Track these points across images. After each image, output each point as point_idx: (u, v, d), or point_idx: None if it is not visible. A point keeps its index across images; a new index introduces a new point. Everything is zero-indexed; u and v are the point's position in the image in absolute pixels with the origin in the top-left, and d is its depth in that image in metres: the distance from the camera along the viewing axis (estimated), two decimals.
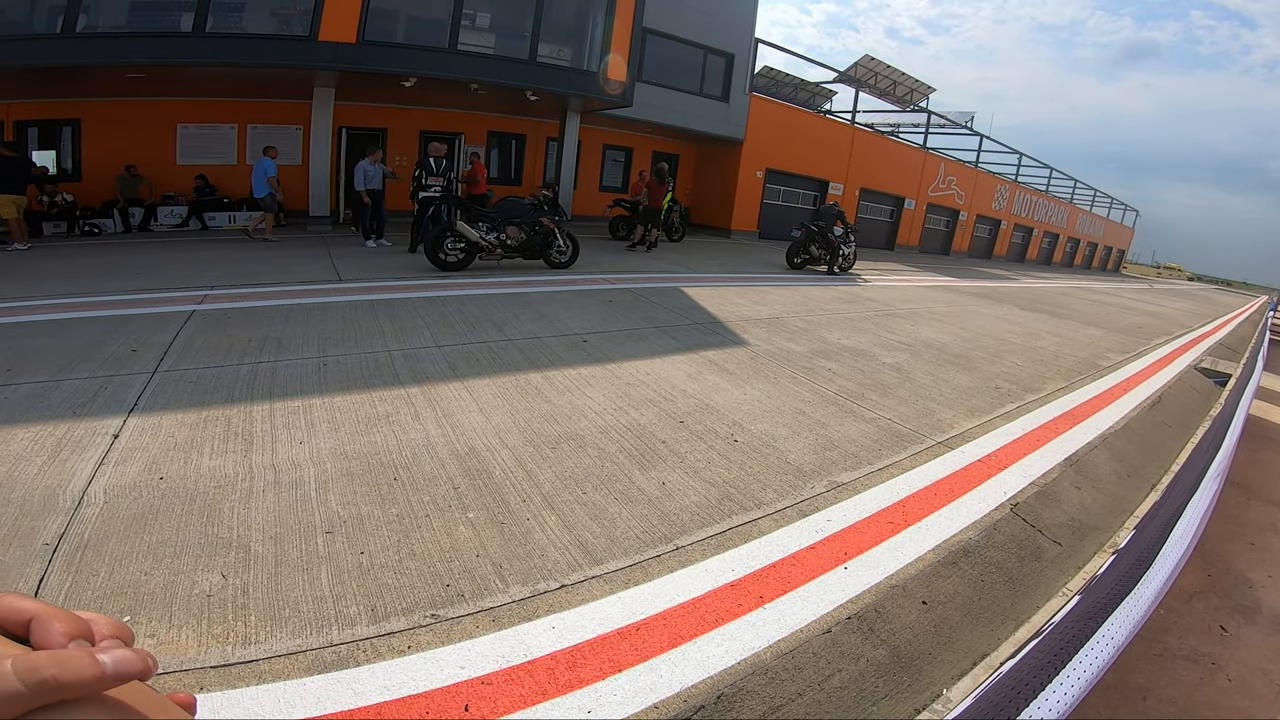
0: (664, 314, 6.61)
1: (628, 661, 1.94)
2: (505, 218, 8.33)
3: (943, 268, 17.40)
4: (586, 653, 1.96)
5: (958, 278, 14.89)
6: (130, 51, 8.91)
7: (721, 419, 3.91)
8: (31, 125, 11.38)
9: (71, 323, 5.03)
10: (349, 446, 3.19)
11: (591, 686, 1.84)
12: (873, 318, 7.73)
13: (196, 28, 9.09)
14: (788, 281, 10.25)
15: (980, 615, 2.41)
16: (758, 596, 2.27)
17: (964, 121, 26.91)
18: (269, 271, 7.44)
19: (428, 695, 1.78)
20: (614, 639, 2.03)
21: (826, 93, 27.38)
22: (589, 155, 16.64)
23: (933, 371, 5.54)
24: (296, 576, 2.23)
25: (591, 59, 12.27)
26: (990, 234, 28.80)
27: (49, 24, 8.70)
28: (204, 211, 11.91)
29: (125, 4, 9.12)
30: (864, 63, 24.28)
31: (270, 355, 4.44)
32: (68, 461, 2.86)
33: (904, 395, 4.78)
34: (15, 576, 2.10)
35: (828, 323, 7.05)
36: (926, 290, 11.37)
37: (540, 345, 5.10)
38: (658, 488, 3.00)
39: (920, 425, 4.17)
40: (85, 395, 3.60)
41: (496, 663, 1.90)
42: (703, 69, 16.38)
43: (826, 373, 5.12)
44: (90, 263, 7.84)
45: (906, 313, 8.40)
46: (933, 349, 6.39)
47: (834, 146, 19.75)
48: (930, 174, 23.75)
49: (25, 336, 4.62)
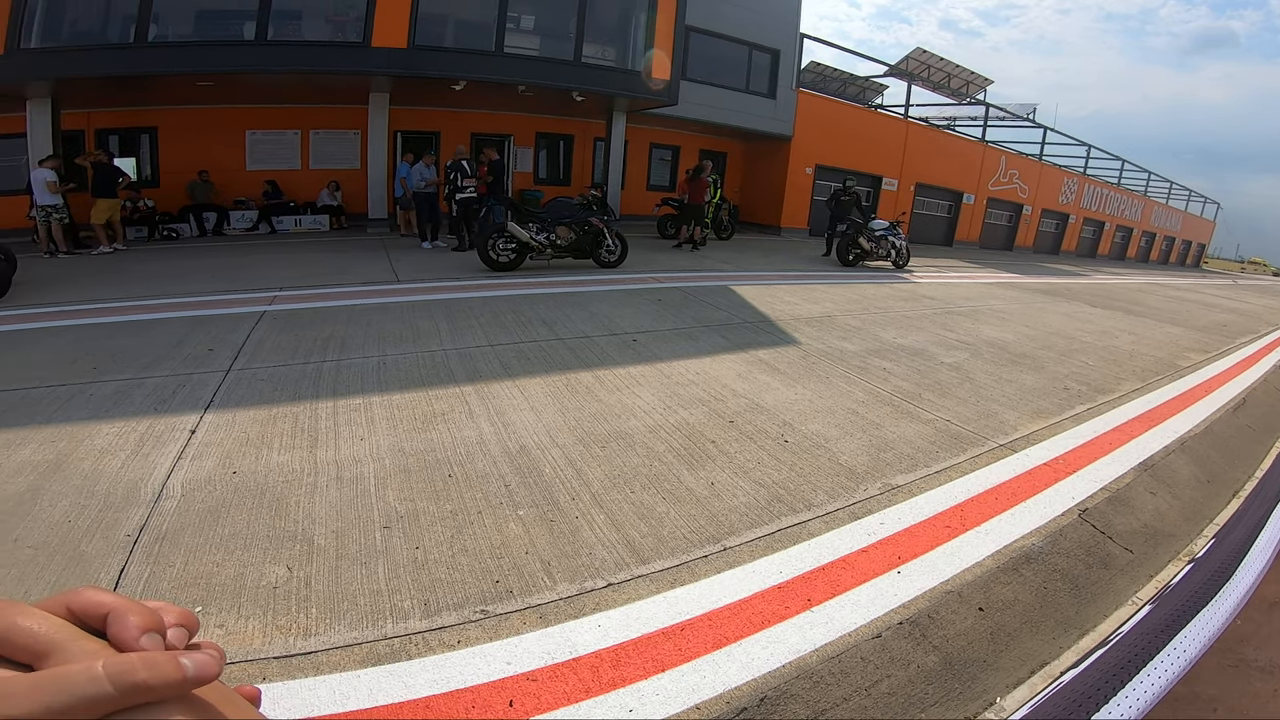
0: (713, 312, 6.57)
1: (671, 661, 1.94)
2: (555, 218, 8.43)
3: (1005, 264, 16.69)
4: (630, 652, 1.97)
5: (1022, 274, 14.25)
6: (198, 60, 9.40)
7: (772, 419, 3.86)
8: (112, 133, 12.15)
9: (154, 323, 5.37)
10: (406, 443, 3.29)
11: (634, 685, 1.85)
12: (930, 315, 7.49)
13: (259, 36, 9.54)
14: (840, 279, 10.03)
15: (1041, 623, 2.32)
16: (805, 599, 2.24)
17: (1026, 113, 25.76)
18: (332, 273, 7.75)
19: (474, 690, 1.82)
20: (658, 639, 2.03)
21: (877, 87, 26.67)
22: (636, 154, 16.66)
23: (995, 371, 5.33)
24: (355, 570, 2.31)
25: (635, 58, 12.30)
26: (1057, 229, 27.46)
27: (122, 34, 9.26)
28: (272, 215, 12.50)
29: (191, 13, 9.63)
30: (916, 55, 23.55)
31: (334, 354, 4.63)
32: (149, 456, 3.05)
33: (964, 396, 4.61)
34: (98, 567, 2.25)
35: (882, 321, 6.87)
36: (988, 287, 10.93)
37: (590, 344, 5.14)
38: (706, 488, 2.98)
39: (981, 427, 4.02)
40: (165, 392, 3.83)
41: (542, 659, 1.93)
42: (748, 66, 16.15)
43: (881, 372, 4.98)
44: (170, 266, 8.33)
45: (966, 310, 8.10)
46: (995, 348, 6.14)
47: (886, 141, 19.20)
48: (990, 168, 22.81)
49: (114, 336, 4.96)
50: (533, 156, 15.84)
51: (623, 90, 12.18)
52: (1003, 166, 23.37)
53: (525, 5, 11.35)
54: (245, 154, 12.94)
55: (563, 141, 16.32)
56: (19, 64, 8.79)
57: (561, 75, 11.43)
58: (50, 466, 2.92)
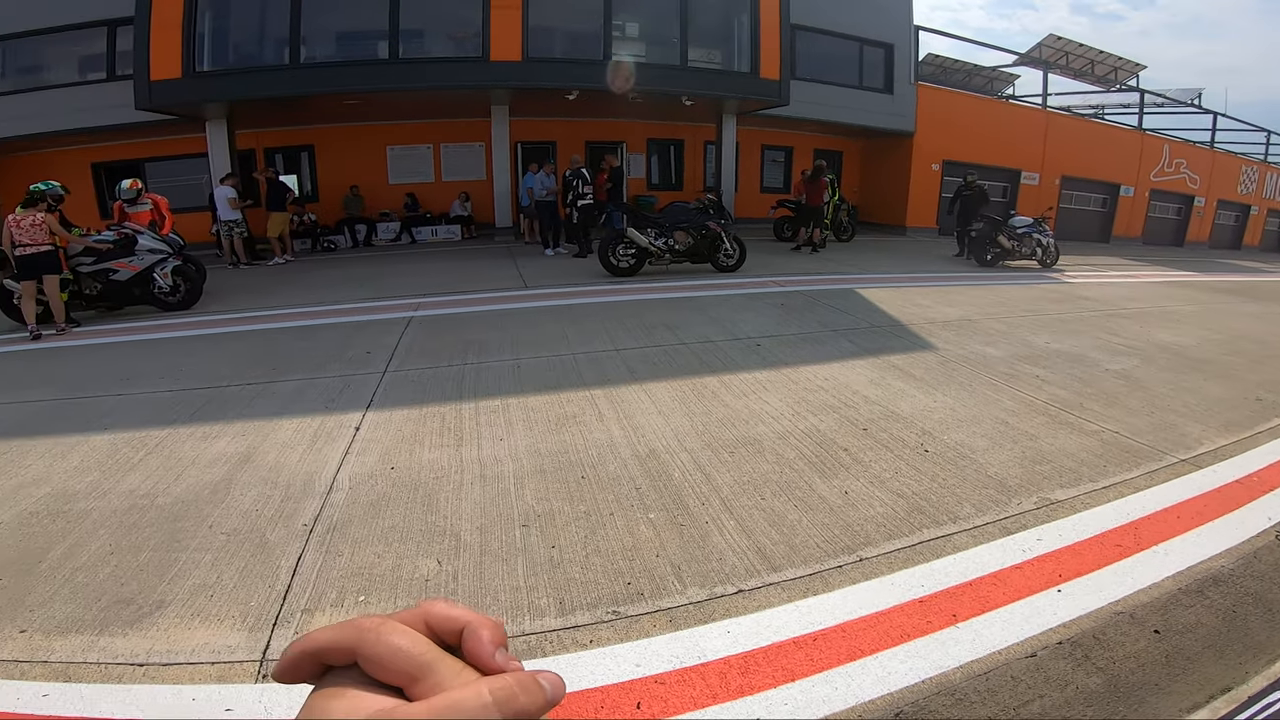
0: (839, 317, 6.32)
1: (802, 671, 1.90)
2: (672, 223, 8.47)
3: (1176, 261, 14.79)
4: (760, 659, 1.95)
5: (1197, 271, 12.54)
6: (343, 79, 10.34)
7: (909, 427, 3.67)
8: (277, 152, 13.60)
9: (321, 328, 5.98)
10: (541, 444, 3.43)
11: (762, 694, 1.82)
12: (1089, 318, 6.76)
13: (391, 55, 10.34)
14: (977, 280, 9.31)
15: (1226, 648, 2.09)
16: (950, 614, 2.13)
17: (1189, 99, 22.80)
18: (467, 281, 8.26)
19: (603, 690, 1.84)
20: (789, 647, 2.00)
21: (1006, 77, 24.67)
22: (748, 156, 16.40)
23: (1172, 379, 4.73)
24: (497, 566, 2.42)
25: (741, 60, 12.14)
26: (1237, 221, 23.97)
27: (278, 56, 10.36)
28: (412, 226, 13.53)
29: (333, 35, 10.61)
30: (1049, 42, 21.54)
31: (474, 358, 4.92)
32: (322, 451, 3.37)
33: (1135, 406, 4.14)
34: (279, 555, 2.49)
35: (1031, 324, 6.29)
36: (1157, 287, 9.72)
37: (714, 349, 5.11)
38: (840, 496, 2.89)
39: (1158, 440, 3.61)
40: (333, 392, 4.24)
41: (670, 663, 1.94)
42: (860, 61, 15.52)
43: (1034, 380, 4.57)
44: (330, 275, 9.25)
45: (1133, 312, 7.24)
46: (1170, 354, 5.44)
47: (1023, 133, 17.68)
48: (1151, 157, 20.33)
49: (288, 340, 5.59)
50: (645, 162, 16.04)
51: (731, 92, 12.06)
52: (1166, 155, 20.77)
53: (629, 13, 11.54)
54: (387, 168, 14.11)
55: (673, 146, 16.39)
56: (195, 87, 10.03)
57: (669, 80, 11.52)
58: (241, 458, 3.30)
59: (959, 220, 12.16)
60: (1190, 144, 22.01)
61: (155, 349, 5.56)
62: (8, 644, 2.06)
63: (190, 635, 2.08)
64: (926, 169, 16.68)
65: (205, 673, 1.93)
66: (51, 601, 2.25)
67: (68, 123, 11.21)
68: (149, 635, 2.08)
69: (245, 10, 10.49)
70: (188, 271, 7.14)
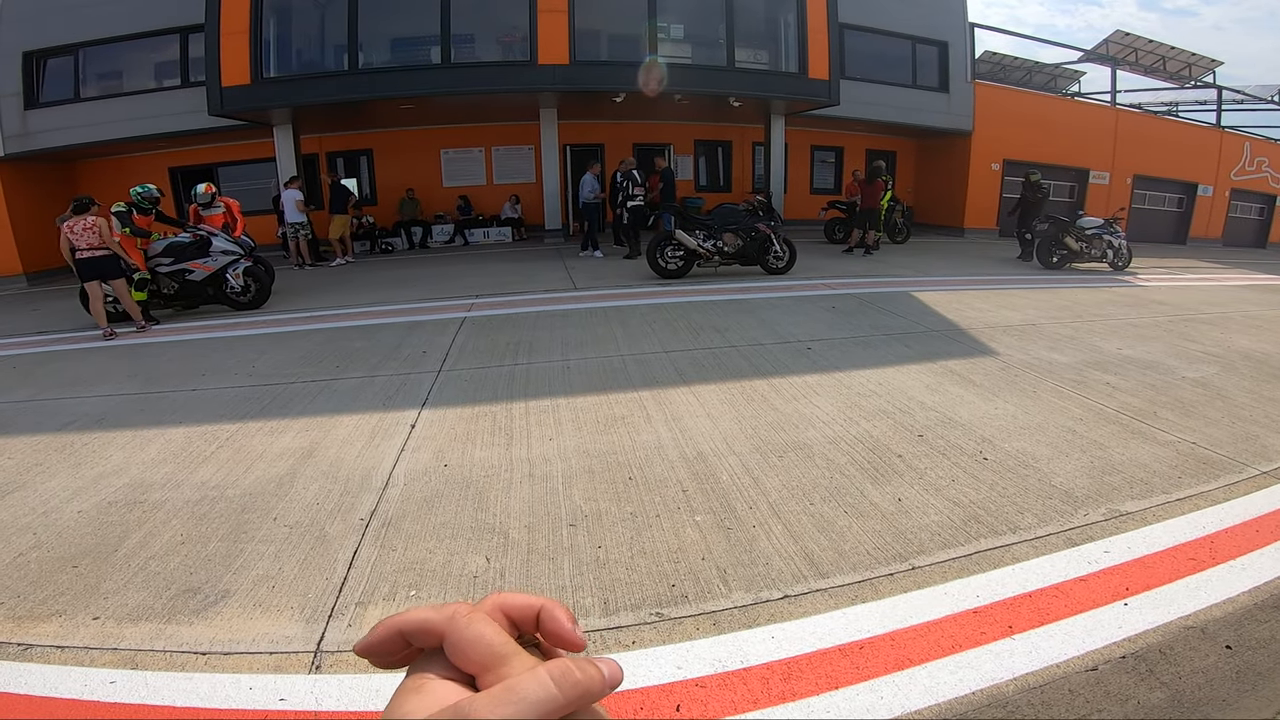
0: (893, 320, 6.16)
1: (846, 679, 1.88)
2: (721, 225, 8.42)
3: (1258, 263, 13.84)
4: (803, 666, 1.93)
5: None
6: (398, 84, 10.61)
7: (968, 434, 3.56)
8: (339, 156, 14.10)
9: (380, 327, 6.18)
10: (590, 445, 3.46)
11: (804, 700, 1.80)
12: (1164, 324, 6.40)
13: (443, 59, 10.60)
14: (1042, 283, 8.93)
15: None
16: (1006, 626, 2.08)
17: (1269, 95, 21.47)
18: (518, 282, 8.40)
19: (644, 691, 1.85)
20: (834, 655, 1.97)
21: (1070, 74, 23.65)
22: (797, 157, 16.16)
23: (1254, 388, 4.44)
24: (544, 565, 2.45)
25: (789, 60, 11.99)
26: None
27: (338, 62, 10.73)
28: (465, 229, 13.86)
29: (387, 41, 10.91)
30: (1116, 38, 20.57)
31: (524, 358, 5.00)
32: (379, 447, 3.49)
33: (1213, 416, 3.90)
34: (337, 548, 2.58)
35: (1101, 330, 5.99)
36: (1237, 290, 9.12)
37: (763, 352, 5.05)
38: (892, 503, 2.83)
39: (1238, 451, 3.41)
40: (391, 389, 4.38)
41: (712, 666, 1.93)
42: (913, 60, 15.13)
43: (1103, 387, 4.35)
44: (388, 276, 9.57)
45: (1212, 317, 6.81)
46: (1253, 361, 5.10)
47: (1090, 131, 16.89)
48: (1231, 156, 19.16)
49: (349, 339, 5.80)
50: (692, 164, 15.99)
51: (778, 93, 11.92)
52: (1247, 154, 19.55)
53: (674, 15, 11.52)
54: (441, 171, 14.49)
55: (721, 148, 16.28)
56: (263, 93, 10.47)
57: (715, 81, 11.45)
58: (304, 453, 3.44)
59: (1020, 221, 11.70)
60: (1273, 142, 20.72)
61: (228, 346, 5.86)
62: (80, 630, 2.17)
63: (251, 625, 2.16)
64: (985, 169, 16.15)
65: (263, 662, 2.01)
66: (125, 589, 2.37)
67: (145, 129, 11.77)
68: (213, 624, 2.17)
69: (305, 18, 10.93)
70: (258, 272, 7.49)
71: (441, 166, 14.49)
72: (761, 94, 11.88)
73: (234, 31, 10.15)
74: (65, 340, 6.49)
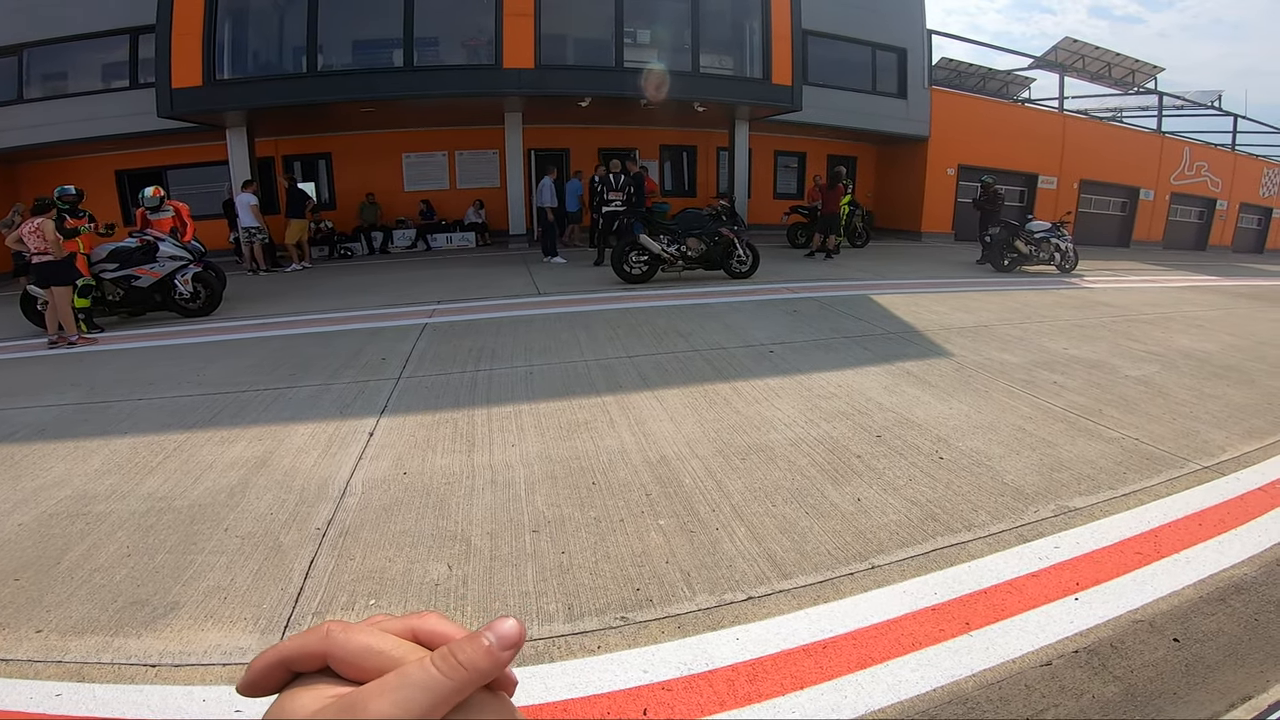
0: (853, 323, 6.28)
1: (811, 679, 1.90)
2: (685, 230, 8.47)
3: (1198, 265, 14.53)
4: (769, 667, 1.95)
5: (1220, 276, 12.32)
6: (358, 87, 10.43)
7: (924, 434, 3.64)
8: (296, 159, 13.75)
9: (338, 334, 6.05)
10: (553, 450, 3.44)
11: (770, 701, 1.82)
12: (1108, 324, 6.67)
13: (406, 62, 10.45)
14: (994, 286, 9.21)
15: (1248, 656, 2.08)
16: (963, 623, 2.12)
17: (1209, 101, 22.52)
18: (481, 287, 8.31)
19: (610, 696, 1.85)
20: (798, 655, 1.99)
21: (1022, 80, 24.54)
22: (761, 162, 16.38)
23: (1194, 385, 4.66)
24: (507, 571, 2.43)
25: (754, 66, 12.15)
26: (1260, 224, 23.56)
27: (295, 64, 10.51)
28: (427, 234, 13.65)
29: (349, 43, 10.73)
30: (1066, 45, 21.39)
31: (486, 364, 4.95)
32: (336, 456, 3.41)
33: (1155, 412, 4.08)
34: (293, 558, 2.52)
35: (1049, 330, 6.21)
36: (1179, 292, 9.56)
37: (726, 356, 5.10)
38: (852, 503, 2.88)
39: (1179, 447, 3.56)
40: (348, 397, 4.28)
41: (678, 669, 1.94)
42: (873, 67, 15.48)
43: (1051, 386, 4.51)
44: (347, 282, 9.36)
45: (1153, 318, 7.13)
46: (1193, 360, 5.35)
47: (1039, 136, 17.52)
48: (1171, 160, 20.06)
49: (306, 346, 5.66)
50: (658, 169, 16.07)
51: (743, 98, 12.07)
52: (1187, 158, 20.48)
53: (641, 20, 11.60)
54: (403, 176, 14.25)
55: (686, 153, 16.39)
56: (215, 95, 10.19)
57: (681, 86, 11.53)
58: (257, 462, 3.35)
59: (980, 225, 12.07)
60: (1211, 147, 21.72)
61: (176, 354, 5.66)
62: (24, 643, 2.09)
63: (203, 637, 2.10)
64: (941, 174, 16.58)
65: (216, 674, 1.95)
66: (68, 602, 2.28)
67: (91, 130, 11.40)
68: (162, 636, 2.11)
69: (263, 19, 10.68)
70: (208, 278, 7.26)
71: (403, 170, 14.25)
72: (726, 99, 12.02)
73: (186, 33, 9.89)
74: (3, 349, 6.19)
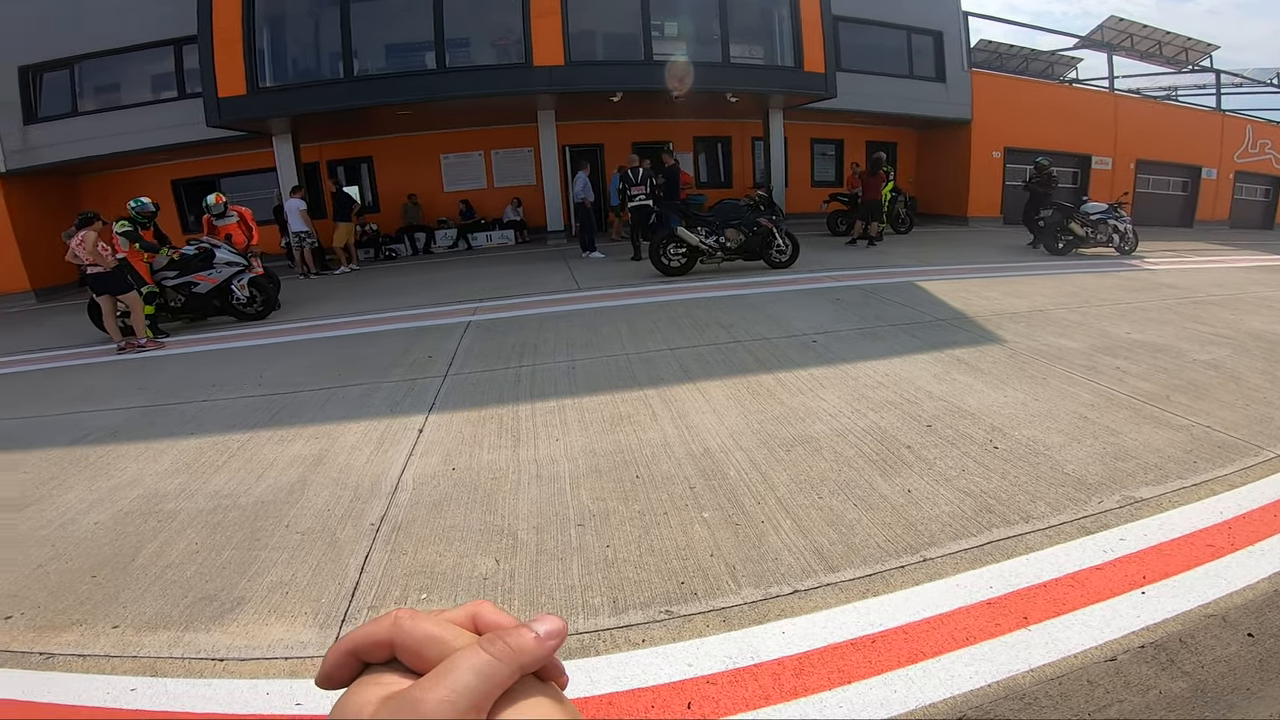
0: (899, 311, 6.13)
1: (859, 674, 1.87)
2: (723, 221, 8.40)
3: (1266, 244, 13.73)
4: (815, 661, 1.92)
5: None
6: (394, 90, 10.60)
7: (977, 423, 3.53)
8: (339, 164, 14.12)
9: (386, 334, 6.21)
10: (596, 444, 3.46)
11: (816, 696, 1.80)
12: (1173, 306, 6.35)
13: (439, 64, 10.60)
14: (1049, 270, 8.87)
15: None
16: (1021, 616, 2.06)
17: (1269, 79, 21.34)
18: (522, 284, 8.41)
19: (654, 690, 1.85)
20: (845, 649, 1.96)
21: (1068, 61, 23.59)
22: (797, 151, 16.12)
23: (1267, 369, 4.40)
24: (553, 565, 2.45)
25: (784, 54, 11.99)
26: None
27: (333, 70, 10.73)
28: (468, 233, 13.89)
29: (382, 47, 10.92)
30: (1112, 24, 20.50)
31: (529, 360, 5.01)
32: (388, 452, 3.50)
33: (1227, 399, 3.86)
34: (349, 553, 2.60)
35: (1109, 314, 5.95)
36: (1246, 272, 9.04)
37: (769, 346, 5.04)
38: (902, 495, 2.82)
39: (1253, 434, 3.36)
40: (397, 395, 4.39)
41: (723, 663, 1.93)
42: (908, 51, 15.16)
43: (1113, 372, 4.32)
44: (393, 282, 9.60)
45: (1221, 299, 6.75)
46: (1265, 343, 5.06)
47: (1090, 117, 16.84)
48: (1234, 138, 19.05)
49: (356, 346, 5.83)
50: (692, 161, 15.97)
51: (776, 87, 11.93)
52: (1250, 137, 19.42)
53: (667, 13, 11.54)
54: (442, 176, 14.51)
55: (720, 144, 16.28)
56: (259, 103, 10.45)
57: (712, 78, 11.44)
58: (314, 460, 3.46)
59: (1028, 208, 11.65)
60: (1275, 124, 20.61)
61: (237, 357, 5.90)
62: (101, 639, 2.19)
63: (267, 631, 2.18)
64: (987, 156, 16.11)
65: (279, 668, 2.02)
66: (142, 598, 2.40)
67: (144, 141, 11.73)
68: (229, 631, 2.19)
69: (299, 26, 10.95)
70: (262, 283, 7.53)
71: (442, 171, 14.51)
72: (758, 89, 11.89)
73: (227, 42, 10.12)
74: (75, 355, 6.55)
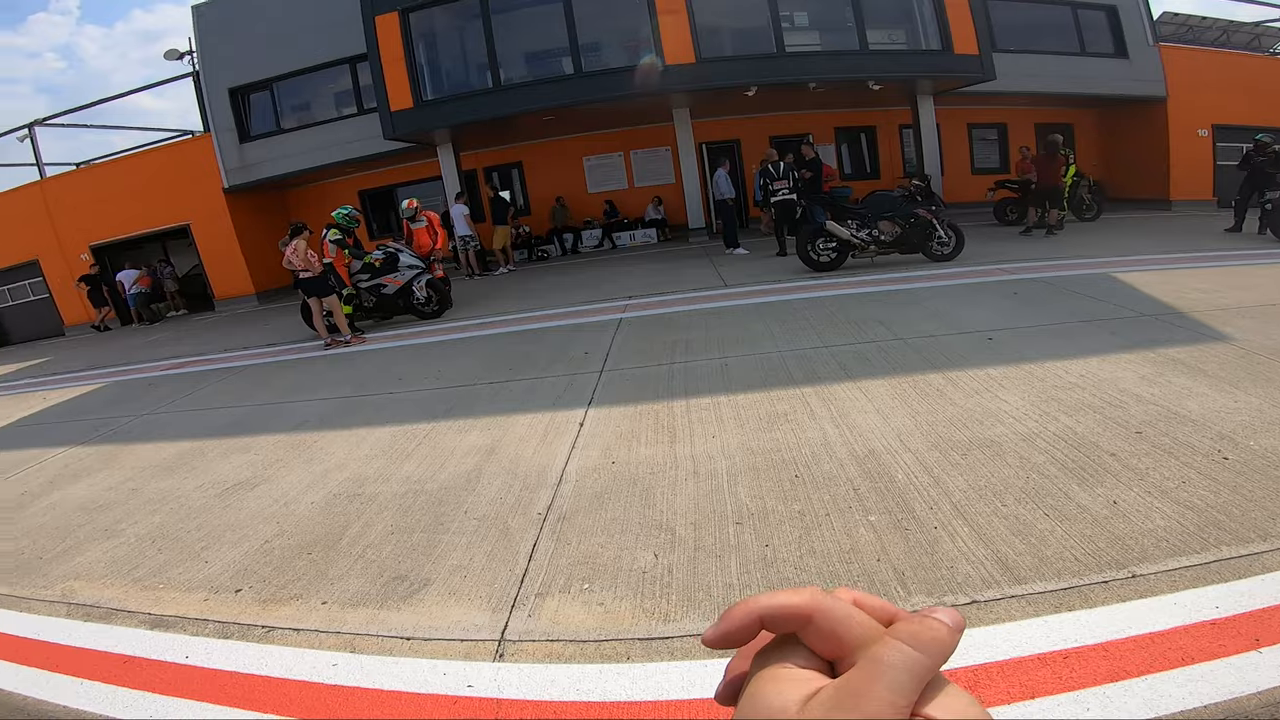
0: (1092, 305, 5.44)
1: (1045, 689, 1.73)
2: (876, 213, 7.95)
3: None
4: (994, 673, 1.80)
5: None
6: (536, 97, 11.10)
7: (1200, 431, 3.06)
8: (494, 170, 15.16)
9: (545, 331, 6.59)
10: (753, 442, 3.41)
11: (994, 708, 1.67)
12: None
13: (575, 69, 10.96)
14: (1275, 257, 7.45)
15: None
16: (1252, 639, 1.85)
17: None
18: (668, 282, 8.54)
19: None
20: (1031, 664, 1.82)
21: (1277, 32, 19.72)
22: (952, 137, 15.00)
23: None
24: (710, 562, 2.44)
25: (929, 37, 11.24)
26: None
27: (482, 80, 11.42)
28: (612, 232, 14.37)
29: (522, 57, 11.48)
30: None
31: (681, 357, 5.07)
32: (552, 445, 3.70)
33: None
34: (519, 540, 2.75)
35: None
36: None
37: (936, 344, 4.70)
38: (1105, 506, 2.52)
39: None
40: (559, 390, 4.64)
41: None
42: (1076, 26, 13.72)
43: None
44: (548, 281, 10.17)
45: None
46: None
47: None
48: None
49: (519, 343, 6.24)
50: (834, 152, 15.31)
51: (922, 71, 11.26)
52: None
53: (795, 3, 11.14)
54: (585, 178, 15.13)
55: (864, 134, 15.56)
56: (424, 115, 11.34)
57: (850, 66, 10.99)
58: (488, 450, 3.73)
59: (1241, 189, 9.96)
60: None
61: (419, 353, 6.55)
62: (313, 614, 2.45)
63: (447, 613, 2.34)
64: (1190, 136, 14.20)
65: (455, 649, 2.16)
66: (347, 576, 2.66)
67: (336, 155, 13.06)
68: (417, 611, 2.38)
69: (449, 41, 11.78)
70: (437, 284, 8.31)
71: (585, 173, 15.12)
72: (903, 75, 11.29)
73: (394, 59, 11.04)
74: (290, 351, 7.62)
